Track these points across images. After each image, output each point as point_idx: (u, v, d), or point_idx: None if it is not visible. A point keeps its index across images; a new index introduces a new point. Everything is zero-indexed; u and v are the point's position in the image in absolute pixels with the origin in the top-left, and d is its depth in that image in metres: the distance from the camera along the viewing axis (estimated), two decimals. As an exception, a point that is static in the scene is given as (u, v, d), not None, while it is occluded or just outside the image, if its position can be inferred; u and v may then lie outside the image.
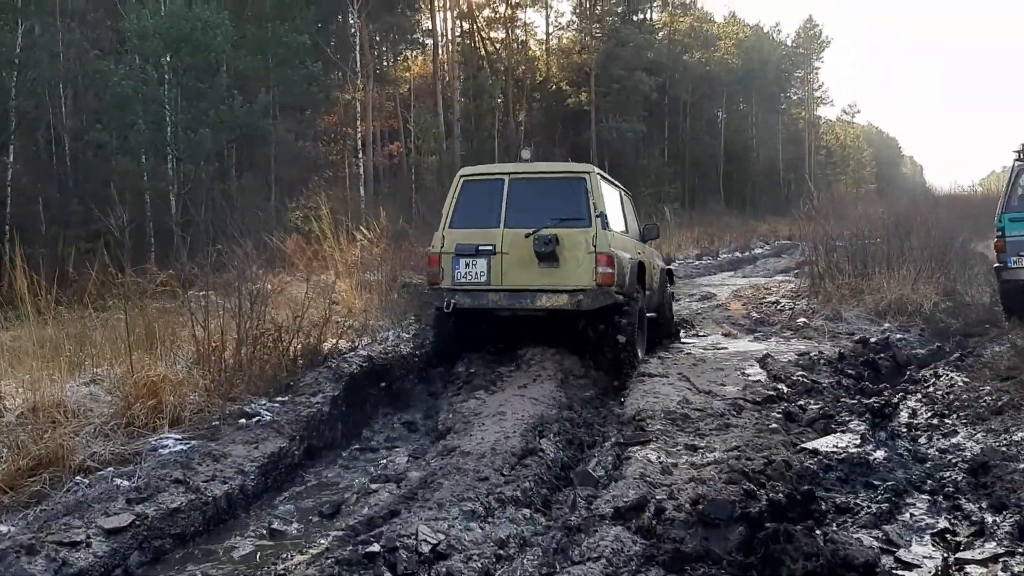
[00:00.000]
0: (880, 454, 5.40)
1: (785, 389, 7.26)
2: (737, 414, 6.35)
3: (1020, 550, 3.80)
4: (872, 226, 14.21)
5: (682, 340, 10.38)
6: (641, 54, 43.18)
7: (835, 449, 5.50)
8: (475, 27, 41.97)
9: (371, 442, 7.01)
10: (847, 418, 6.27)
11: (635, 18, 47.42)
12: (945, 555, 3.95)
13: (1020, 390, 6.37)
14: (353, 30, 29.94)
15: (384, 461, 6.45)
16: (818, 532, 3.89)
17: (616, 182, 9.59)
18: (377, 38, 35.48)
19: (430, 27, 37.37)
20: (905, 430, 5.99)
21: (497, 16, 43.65)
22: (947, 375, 7.17)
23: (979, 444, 5.33)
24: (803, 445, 5.62)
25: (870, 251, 12.88)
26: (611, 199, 8.76)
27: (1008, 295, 9.92)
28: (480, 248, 8.18)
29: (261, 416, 6.57)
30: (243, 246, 10.17)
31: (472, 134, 37.00)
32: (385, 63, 38.03)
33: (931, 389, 6.88)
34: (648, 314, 9.27)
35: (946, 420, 5.94)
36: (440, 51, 36.51)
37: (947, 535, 4.19)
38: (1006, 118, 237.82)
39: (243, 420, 6.46)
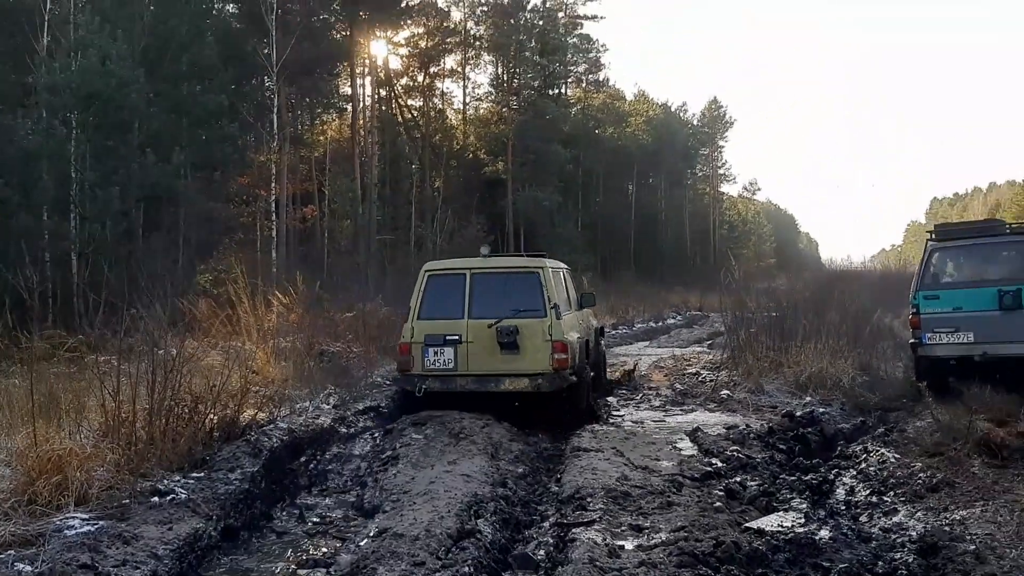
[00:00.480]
0: (825, 533, 5.32)
1: (720, 464, 7.17)
2: (677, 491, 6.21)
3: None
4: (787, 299, 14.50)
5: (612, 412, 10.27)
6: (557, 126, 44.11)
7: (781, 529, 5.40)
8: (393, 94, 42.14)
9: (295, 522, 6.57)
10: (787, 495, 6.21)
11: (551, 92, 48.49)
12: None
13: (951, 467, 6.44)
14: (270, 92, 29.57)
15: (310, 544, 6.03)
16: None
17: (559, 263, 10.71)
18: (293, 101, 35.21)
19: (349, 92, 37.32)
20: (844, 508, 5.94)
21: (415, 84, 44.01)
22: (877, 451, 7.21)
23: (921, 523, 5.31)
24: (748, 524, 5.49)
25: (787, 324, 13.10)
26: (558, 283, 9.77)
27: (924, 371, 10.18)
28: (447, 338, 9.02)
29: (175, 494, 6.10)
30: (152, 309, 9.65)
31: (388, 199, 36.81)
32: (301, 126, 37.71)
33: (864, 465, 6.90)
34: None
35: (884, 498, 5.93)
36: (358, 116, 36.44)
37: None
38: (897, 198, 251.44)
39: (156, 498, 5.98)
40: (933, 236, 10.59)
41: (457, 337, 9.01)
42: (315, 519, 6.59)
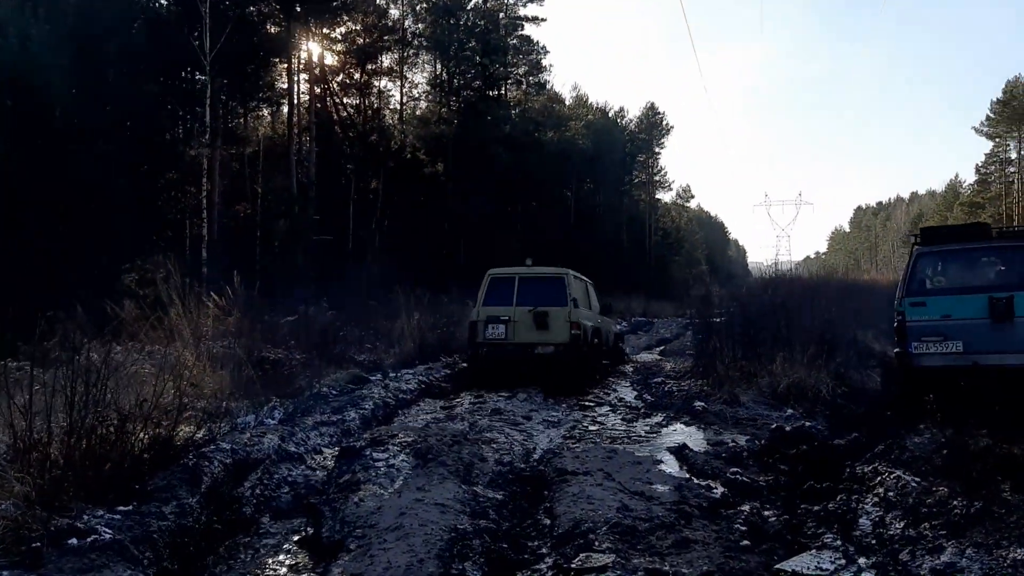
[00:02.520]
0: (870, 576, 4.63)
1: (723, 490, 6.46)
2: (688, 524, 5.46)
3: None
4: (754, 306, 13.98)
5: (587, 428, 9.53)
6: (497, 128, 43.38)
7: (820, 572, 4.69)
8: (329, 91, 40.81)
9: (243, 564, 5.61)
10: (813, 528, 5.51)
11: (491, 93, 47.74)
12: None
13: (979, 493, 5.83)
14: (201, 84, 28.11)
15: (264, 595, 5.10)
16: None
17: (583, 277, 15.01)
18: (225, 95, 33.69)
19: (284, 87, 35.92)
20: (879, 543, 5.26)
21: (352, 82, 42.74)
22: (890, 472, 6.57)
23: (978, 564, 4.65)
24: (781, 567, 4.77)
25: (756, 332, 12.56)
26: (579, 289, 14.16)
27: (909, 382, 9.66)
28: (501, 318, 13.31)
29: (98, 534, 5.08)
30: (74, 310, 8.52)
31: (326, 199, 35.50)
32: (234, 121, 36.19)
33: (882, 490, 6.24)
34: (604, 361, 15.30)
35: (922, 531, 5.26)
36: (294, 113, 35.09)
37: None
38: (822, 207, 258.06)
39: (74, 539, 4.95)
40: (918, 240, 10.12)
41: (507, 318, 13.24)
42: (269, 559, 5.63)
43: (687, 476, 6.90)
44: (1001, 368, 9.13)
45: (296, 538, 6.06)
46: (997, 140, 70.67)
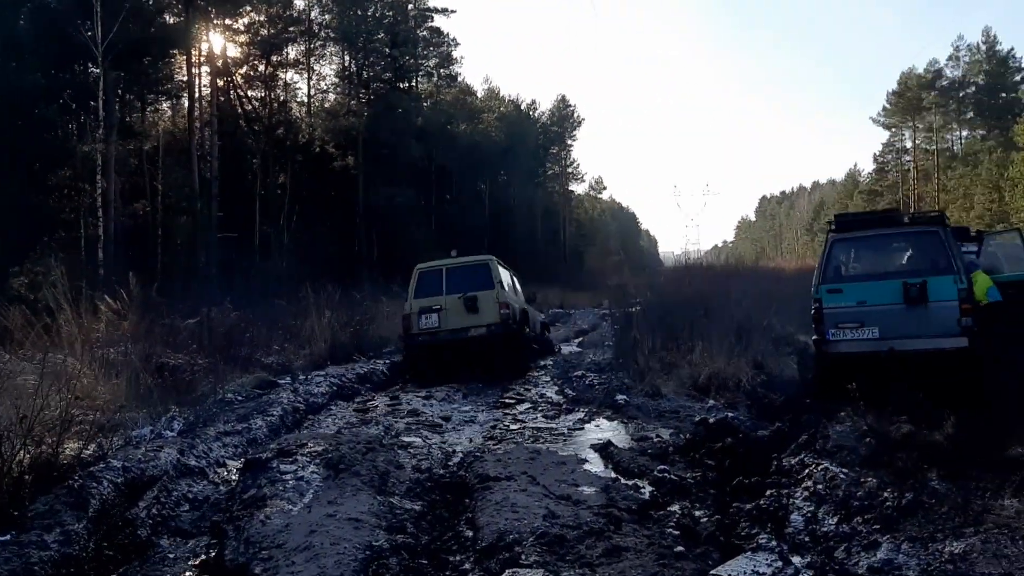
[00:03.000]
0: (809, 578, 4.43)
1: (651, 490, 6.23)
2: (617, 529, 5.19)
3: None
4: (670, 296, 13.90)
5: (508, 427, 9.20)
6: (409, 121, 42.73)
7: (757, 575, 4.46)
8: (232, 84, 39.44)
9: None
10: (747, 528, 5.30)
11: (402, 85, 47.00)
12: None
13: (908, 483, 5.75)
14: (94, 76, 26.67)
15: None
16: None
17: (507, 265, 15.36)
18: (121, 88, 32.15)
19: (184, 80, 34.49)
20: (813, 541, 5.08)
21: (256, 74, 41.42)
22: (817, 464, 6.44)
23: (915, 560, 4.51)
24: (716, 572, 4.53)
25: (675, 322, 12.46)
26: (505, 276, 14.54)
27: (827, 369, 9.65)
28: (432, 308, 13.63)
29: (-35, 573, 4.52)
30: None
31: (229, 195, 34.28)
32: (131, 114, 34.62)
33: (810, 483, 6.09)
34: (534, 346, 16.02)
35: (855, 526, 5.11)
36: (195, 106, 33.75)
37: None
38: (729, 197, 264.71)
39: (-65, 582, 4.40)
40: (833, 227, 10.12)
41: (439, 307, 13.57)
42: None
43: (614, 476, 6.65)
44: (916, 353, 9.19)
45: (197, 562, 5.56)
46: (893, 130, 73.35)
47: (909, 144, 72.93)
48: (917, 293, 9.17)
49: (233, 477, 7.13)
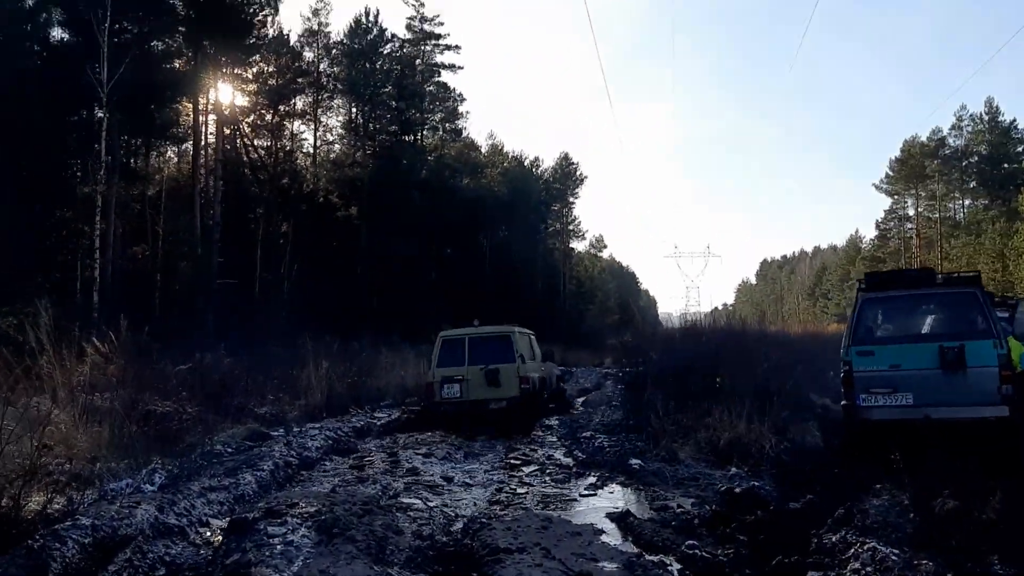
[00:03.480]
0: None
1: (678, 567, 5.61)
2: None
3: None
4: (685, 354, 13.33)
5: (515, 492, 8.55)
6: (414, 173, 42.59)
7: None
8: (239, 132, 39.37)
9: None
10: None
11: (407, 138, 46.99)
12: None
13: (968, 568, 5.13)
14: (99, 118, 26.41)
15: None
16: None
17: (526, 330, 15.82)
18: (127, 133, 31.96)
19: (191, 124, 34.33)
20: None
21: (263, 123, 41.39)
22: (863, 543, 5.81)
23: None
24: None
25: (690, 383, 11.86)
26: (524, 343, 14.86)
27: (858, 436, 9.06)
28: (455, 378, 13.97)
29: None
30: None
31: (231, 242, 33.87)
32: (135, 159, 34.39)
33: (858, 564, 5.47)
34: (551, 405, 16.52)
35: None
36: (200, 152, 33.55)
37: None
38: (730, 259, 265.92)
39: None
40: (863, 286, 9.61)
41: (461, 377, 13.98)
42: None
43: (636, 550, 6.01)
44: (954, 422, 8.61)
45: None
46: (896, 197, 73.46)
47: (911, 211, 73.03)
48: (954, 357, 8.63)
49: (217, 539, 6.48)
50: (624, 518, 6.95)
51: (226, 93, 36.50)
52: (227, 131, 38.22)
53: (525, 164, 67.21)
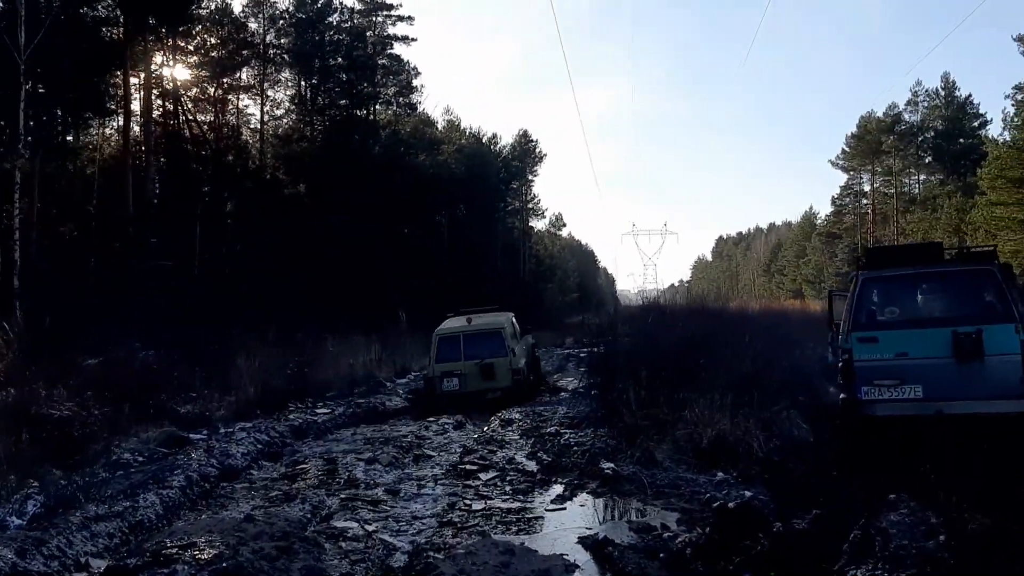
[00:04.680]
0: None
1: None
2: None
3: None
4: (660, 338, 12.15)
5: (472, 508, 7.29)
6: (366, 149, 40.92)
7: None
8: (180, 106, 37.26)
9: None
10: None
11: (359, 113, 45.20)
12: None
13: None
14: (16, 87, 24.35)
15: None
16: None
17: (509, 313, 17.23)
18: (58, 107, 29.83)
19: (123, 96, 32.24)
20: None
21: (206, 97, 39.29)
22: (897, 583, 4.67)
23: None
24: None
25: (667, 371, 10.67)
26: (511, 331, 16.00)
27: (859, 434, 7.95)
28: (454, 372, 15.20)
29: None
30: None
31: (170, 221, 31.95)
32: (66, 134, 32.25)
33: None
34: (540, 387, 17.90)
35: None
36: (135, 127, 31.55)
37: None
38: (687, 236, 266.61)
39: None
40: (863, 262, 8.48)
41: (459, 371, 15.11)
42: None
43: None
44: (970, 417, 7.54)
45: None
46: (852, 172, 73.22)
47: (867, 187, 72.88)
48: (971, 345, 7.54)
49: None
50: (601, 548, 5.74)
51: (166, 65, 34.50)
52: (167, 105, 36.18)
53: (483, 141, 65.56)
